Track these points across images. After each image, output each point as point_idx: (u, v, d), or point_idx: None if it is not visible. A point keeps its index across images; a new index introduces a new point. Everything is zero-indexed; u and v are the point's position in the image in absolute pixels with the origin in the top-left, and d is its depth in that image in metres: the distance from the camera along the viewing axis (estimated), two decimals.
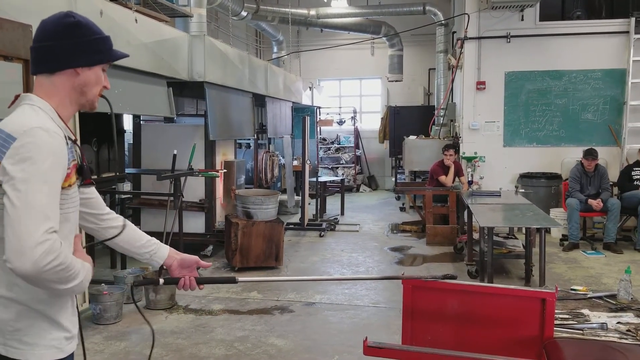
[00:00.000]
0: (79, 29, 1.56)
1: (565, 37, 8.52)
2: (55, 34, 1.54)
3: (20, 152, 1.38)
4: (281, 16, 10.92)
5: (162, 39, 5.57)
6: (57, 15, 1.58)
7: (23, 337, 1.47)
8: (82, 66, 1.57)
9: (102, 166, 5.47)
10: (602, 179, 7.26)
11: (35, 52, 1.56)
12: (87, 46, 1.57)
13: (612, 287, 5.14)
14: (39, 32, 1.57)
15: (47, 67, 1.55)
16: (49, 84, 1.55)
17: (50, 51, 1.53)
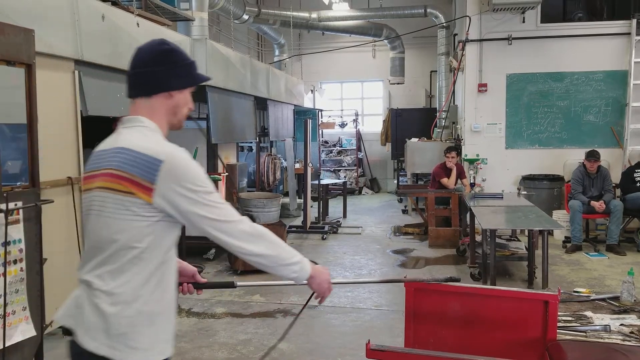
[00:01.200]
0: (173, 56, 1.72)
1: (567, 39, 8.51)
2: (152, 61, 1.69)
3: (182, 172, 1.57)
4: (283, 19, 10.94)
5: None
6: (152, 42, 1.74)
7: (128, 340, 1.56)
8: (176, 89, 1.72)
9: None
10: (604, 181, 7.25)
11: (133, 77, 1.71)
12: (179, 71, 1.72)
13: (615, 289, 5.12)
14: (136, 59, 1.71)
15: (145, 91, 1.70)
16: (148, 106, 1.71)
17: (148, 76, 1.69)
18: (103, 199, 1.61)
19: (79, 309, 1.61)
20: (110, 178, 1.60)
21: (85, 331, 1.58)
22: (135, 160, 1.58)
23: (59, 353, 4.04)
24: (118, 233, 1.58)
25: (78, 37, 4.22)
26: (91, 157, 1.74)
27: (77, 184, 4.24)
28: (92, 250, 1.64)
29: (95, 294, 1.58)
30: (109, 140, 1.73)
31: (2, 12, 3.41)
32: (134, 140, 1.63)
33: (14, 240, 3.11)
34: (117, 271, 1.58)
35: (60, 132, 4.11)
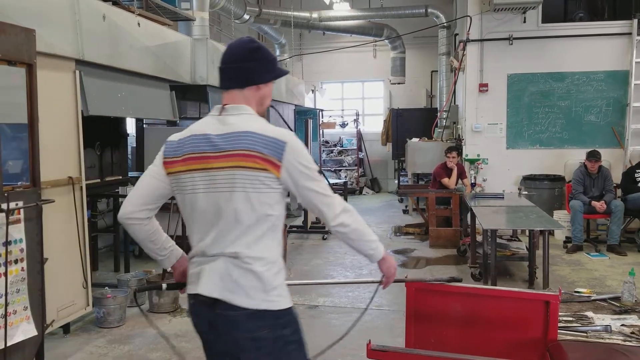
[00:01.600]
0: (261, 53, 1.95)
1: (568, 39, 8.50)
2: (244, 57, 1.93)
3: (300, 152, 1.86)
4: (283, 19, 10.93)
5: (164, 42, 5.58)
6: (242, 40, 1.98)
7: (279, 291, 1.87)
8: (263, 82, 1.97)
9: (105, 169, 5.48)
10: (605, 181, 7.24)
11: (227, 71, 1.95)
12: (266, 66, 1.96)
13: (616, 290, 5.12)
14: (229, 55, 1.95)
15: (239, 83, 1.94)
16: (242, 97, 1.94)
17: (241, 70, 1.93)
18: (234, 177, 1.82)
19: (227, 278, 1.83)
20: (245, 158, 1.81)
21: (242, 294, 1.82)
22: (264, 141, 1.83)
23: (59, 353, 4.04)
24: (258, 205, 1.83)
25: (79, 37, 4.23)
26: (196, 139, 1.90)
27: (78, 184, 4.25)
28: (224, 225, 1.84)
29: (245, 261, 1.83)
30: (211, 125, 1.91)
31: (2, 12, 3.41)
32: (255, 125, 1.88)
33: (15, 240, 3.11)
34: (260, 238, 1.85)
35: (61, 131, 4.11)
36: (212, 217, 1.86)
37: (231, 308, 1.82)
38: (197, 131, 1.93)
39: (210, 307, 1.85)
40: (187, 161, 1.89)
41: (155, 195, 1.96)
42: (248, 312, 1.82)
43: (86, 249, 4.32)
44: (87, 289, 4.35)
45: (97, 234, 6.21)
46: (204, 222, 1.88)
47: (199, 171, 1.87)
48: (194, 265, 1.92)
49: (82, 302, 4.33)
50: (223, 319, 1.85)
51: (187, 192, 1.90)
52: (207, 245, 1.87)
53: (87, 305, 4.38)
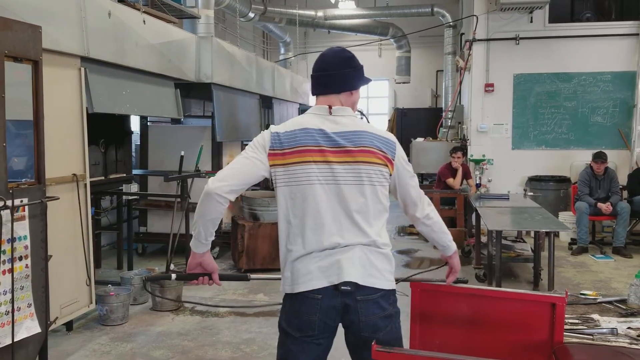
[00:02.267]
0: (354, 62, 2.11)
1: (575, 39, 8.46)
2: (340, 65, 2.08)
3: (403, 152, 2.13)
4: (288, 17, 10.92)
5: (169, 40, 5.58)
6: (336, 50, 2.15)
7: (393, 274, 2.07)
8: (355, 89, 2.13)
9: (109, 167, 5.48)
10: (611, 183, 7.20)
11: (324, 78, 2.09)
12: (359, 74, 2.13)
13: (622, 292, 5.09)
14: (326, 64, 2.10)
15: (336, 89, 2.08)
16: (338, 101, 2.08)
17: (337, 77, 2.08)
18: (360, 171, 1.98)
19: (368, 264, 1.98)
20: (369, 154, 1.99)
21: (381, 277, 2.00)
22: (381, 140, 2.04)
23: (62, 350, 4.04)
24: (383, 197, 2.04)
25: (84, 34, 4.22)
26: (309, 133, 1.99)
27: (82, 181, 4.24)
28: (357, 215, 1.98)
29: (381, 247, 2.03)
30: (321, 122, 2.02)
31: (8, 9, 3.40)
32: (366, 126, 2.08)
33: (19, 237, 3.11)
34: (382, 226, 2.07)
35: (66, 129, 4.11)
36: (342, 208, 1.98)
37: (373, 291, 1.96)
38: (310, 125, 2.01)
39: (348, 295, 1.94)
40: (304, 152, 1.97)
41: (250, 181, 2.01)
42: (382, 293, 1.99)
43: (90, 247, 4.32)
44: (91, 286, 4.35)
45: (100, 231, 6.21)
46: (331, 214, 1.97)
47: (320, 163, 1.97)
48: (315, 259, 1.96)
49: (86, 300, 4.33)
50: (363, 304, 1.96)
51: (305, 182, 1.97)
52: (338, 236, 1.96)
53: (90, 302, 4.37)
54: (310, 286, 1.94)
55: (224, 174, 1.97)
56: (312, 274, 1.94)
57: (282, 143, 1.98)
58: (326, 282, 1.93)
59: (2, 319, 2.98)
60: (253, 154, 2.00)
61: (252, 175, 1.99)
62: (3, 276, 2.98)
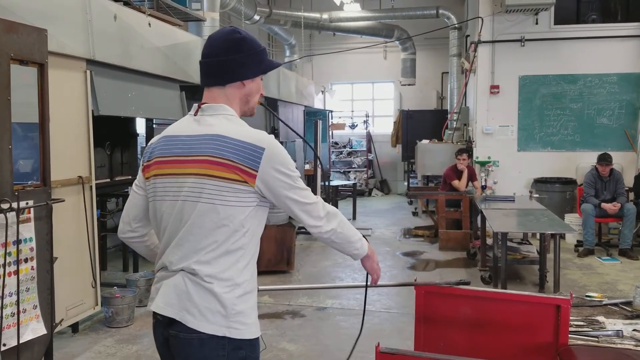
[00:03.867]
0: (245, 44, 1.73)
1: (580, 41, 8.43)
2: (225, 50, 1.71)
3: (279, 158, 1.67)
4: (294, 20, 10.94)
5: (175, 43, 5.60)
6: (224, 31, 1.76)
7: (242, 318, 1.67)
8: (248, 78, 1.76)
9: (115, 169, 5.50)
10: (617, 184, 7.16)
11: (206, 66, 1.75)
12: (252, 59, 1.75)
13: (628, 294, 5.06)
14: (209, 48, 1.74)
15: (219, 80, 1.74)
16: (223, 95, 1.75)
17: (222, 65, 1.72)
18: (201, 186, 1.64)
19: (184, 296, 1.65)
20: (210, 165, 1.64)
21: (199, 316, 1.63)
22: (237, 147, 1.64)
23: (67, 352, 4.06)
24: (227, 219, 1.64)
25: (90, 37, 4.25)
26: (168, 141, 1.75)
27: (88, 183, 4.26)
28: (186, 237, 1.67)
29: (205, 280, 1.64)
30: (185, 126, 1.75)
31: (14, 12, 3.43)
32: (229, 128, 1.68)
33: (25, 239, 3.12)
34: (224, 255, 1.65)
35: (72, 131, 4.13)
36: (176, 228, 1.69)
37: (186, 330, 1.64)
38: (171, 132, 1.77)
39: (165, 326, 1.69)
40: (158, 165, 1.74)
41: (143, 208, 1.82)
42: (204, 337, 1.64)
43: (95, 249, 4.34)
44: (96, 288, 4.37)
45: (106, 233, 6.24)
46: (168, 233, 1.71)
47: (169, 176, 1.71)
48: (155, 280, 1.77)
49: (91, 302, 4.35)
50: (177, 341, 1.67)
51: (155, 199, 1.75)
52: (168, 259, 1.70)
53: (95, 304, 4.39)
54: (148, 306, 1.88)
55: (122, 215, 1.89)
56: (152, 294, 1.78)
57: (148, 155, 1.80)
58: (150, 307, 1.75)
59: (8, 320, 3.00)
60: (137, 178, 1.85)
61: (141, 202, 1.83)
62: (9, 278, 3.00)
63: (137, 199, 1.83)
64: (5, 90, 2.97)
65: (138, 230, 1.86)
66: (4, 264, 2.96)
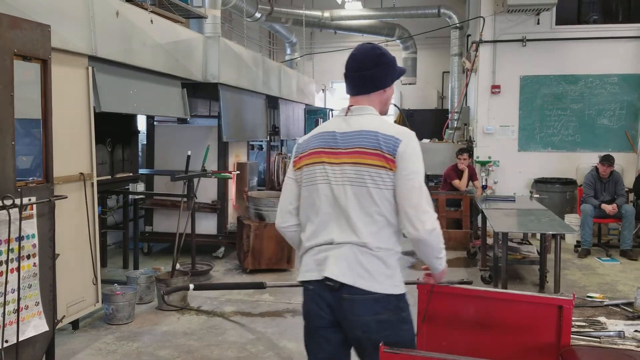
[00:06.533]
0: (385, 58, 2.09)
1: (582, 42, 8.44)
2: (371, 65, 2.06)
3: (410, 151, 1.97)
4: (295, 18, 10.93)
5: (177, 40, 5.59)
6: (366, 48, 2.10)
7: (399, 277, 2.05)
8: (388, 86, 2.11)
9: (116, 166, 5.50)
10: (616, 185, 7.17)
11: (355, 79, 2.09)
12: (390, 70, 2.10)
13: (628, 295, 5.07)
14: (357, 64, 2.08)
15: (366, 90, 2.08)
16: (367, 101, 2.09)
17: (369, 78, 2.07)
18: (358, 172, 1.97)
19: (355, 265, 1.97)
20: (364, 155, 1.96)
21: (371, 280, 1.97)
22: (384, 139, 1.96)
23: (68, 349, 4.06)
24: (380, 199, 1.96)
25: (92, 33, 4.24)
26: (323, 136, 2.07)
27: (89, 180, 4.26)
28: (349, 215, 1.98)
29: (374, 250, 1.97)
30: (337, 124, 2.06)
31: (18, 8, 3.42)
32: (376, 124, 2.01)
33: (27, 236, 3.12)
34: (384, 228, 1.99)
35: (73, 128, 4.12)
36: (335, 209, 2.00)
37: (360, 292, 1.95)
38: (326, 129, 2.09)
39: (335, 291, 1.98)
40: (312, 155, 2.07)
41: (297, 196, 2.12)
42: (376, 296, 1.96)
43: (96, 245, 4.33)
44: (97, 285, 4.36)
45: (106, 230, 6.23)
46: (325, 213, 2.02)
47: (328, 164, 2.03)
48: (314, 252, 2.04)
49: (92, 299, 4.34)
50: (349, 303, 1.97)
51: (311, 183, 2.06)
52: (330, 235, 2.01)
53: (96, 301, 4.39)
54: (306, 277, 2.08)
55: (279, 207, 2.19)
56: (309, 266, 2.06)
57: (299, 149, 2.13)
58: (318, 275, 2.02)
59: (10, 317, 3.00)
60: (289, 171, 2.17)
61: (295, 192, 2.13)
62: (11, 274, 3.00)
63: (295, 189, 2.13)
64: (8, 86, 2.97)
65: (295, 219, 2.15)
66: (6, 261, 2.95)
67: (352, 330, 2.02)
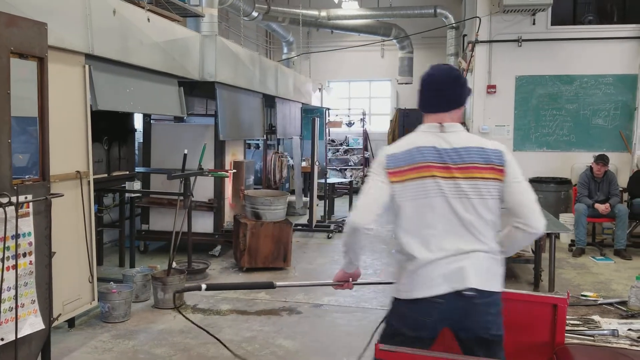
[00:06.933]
0: (462, 78, 2.28)
1: (577, 42, 8.47)
2: (453, 85, 2.23)
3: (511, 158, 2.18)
4: (292, 17, 10.93)
5: (173, 38, 5.59)
6: (445, 68, 2.29)
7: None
8: (466, 102, 2.29)
9: (112, 165, 5.49)
10: (610, 185, 7.21)
11: (440, 97, 2.22)
12: (466, 88, 2.28)
13: (622, 294, 5.10)
14: (438, 84, 2.24)
15: (448, 107, 2.22)
16: (449, 117, 2.21)
17: (451, 96, 2.23)
18: (475, 186, 2.10)
19: (485, 270, 2.11)
20: (479, 170, 2.11)
21: (495, 282, 2.14)
22: (492, 153, 2.13)
23: (64, 347, 4.06)
24: (493, 208, 2.14)
25: (89, 31, 4.23)
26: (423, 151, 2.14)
27: (86, 178, 4.26)
28: (472, 225, 2.11)
29: (496, 255, 2.15)
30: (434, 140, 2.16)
31: (14, 6, 3.41)
32: (477, 140, 2.18)
33: (23, 234, 3.12)
34: (494, 235, 2.17)
35: (70, 126, 4.12)
36: (458, 219, 2.10)
37: (487, 294, 2.09)
38: (421, 144, 2.16)
39: (469, 299, 2.08)
40: (420, 169, 2.11)
41: (385, 204, 2.17)
42: (497, 295, 2.14)
43: (93, 244, 4.33)
44: (93, 283, 4.36)
45: (102, 228, 6.22)
46: (445, 224, 2.10)
47: (440, 178, 2.10)
48: (442, 265, 2.08)
49: (88, 297, 4.34)
50: (481, 307, 2.10)
51: (422, 196, 2.11)
52: (455, 245, 2.09)
53: (92, 299, 4.38)
54: (434, 292, 2.08)
55: (363, 206, 2.17)
56: (434, 280, 2.09)
57: (399, 162, 2.14)
58: (449, 288, 2.07)
59: (6, 315, 3.00)
60: (378, 177, 2.17)
61: (385, 199, 2.16)
62: (7, 272, 3.00)
63: (386, 195, 2.15)
64: (5, 84, 2.97)
65: (377, 222, 2.18)
66: (2, 259, 2.95)
67: (473, 332, 2.13)
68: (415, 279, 2.11)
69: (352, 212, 2.17)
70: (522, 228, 2.15)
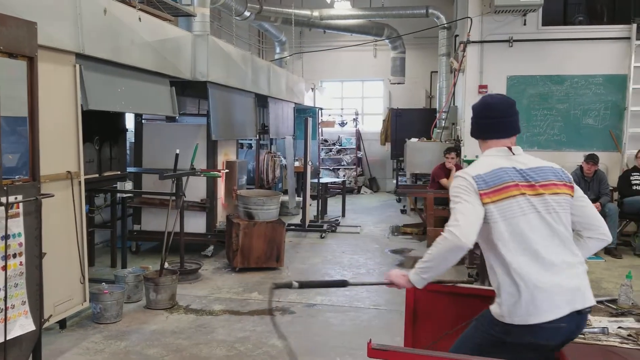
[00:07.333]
0: (515, 106, 2.42)
1: (567, 42, 8.52)
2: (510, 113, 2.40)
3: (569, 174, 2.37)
4: (284, 17, 10.92)
5: (165, 38, 5.57)
6: (502, 98, 2.44)
7: None
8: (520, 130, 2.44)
9: (104, 165, 5.47)
10: (600, 184, 7.26)
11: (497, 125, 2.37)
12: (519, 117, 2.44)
13: (612, 292, 5.13)
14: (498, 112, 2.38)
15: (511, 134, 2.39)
16: (510, 142, 2.37)
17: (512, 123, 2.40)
18: (558, 201, 2.23)
19: (584, 283, 2.21)
20: (558, 187, 2.26)
21: (589, 296, 2.21)
22: (560, 171, 2.33)
23: (55, 348, 4.03)
24: (569, 222, 2.27)
25: (79, 31, 4.21)
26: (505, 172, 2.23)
27: (77, 179, 4.23)
28: (562, 240, 2.20)
29: (584, 267, 2.24)
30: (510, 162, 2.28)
31: (3, 5, 3.39)
32: (541, 161, 2.35)
33: (13, 234, 3.10)
34: (576, 248, 2.26)
35: (60, 126, 4.09)
36: (548, 235, 2.17)
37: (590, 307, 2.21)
38: (501, 165, 2.26)
39: (585, 314, 2.20)
40: (510, 188, 2.19)
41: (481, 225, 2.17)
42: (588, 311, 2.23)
43: (84, 244, 4.31)
44: (84, 284, 4.34)
45: (94, 229, 6.19)
46: (540, 240, 2.16)
47: (530, 196, 2.19)
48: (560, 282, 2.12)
49: (79, 298, 4.32)
50: (584, 321, 2.24)
51: (519, 214, 2.16)
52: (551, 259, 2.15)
53: (84, 300, 4.36)
54: (556, 314, 2.11)
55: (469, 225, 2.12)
56: (555, 303, 2.11)
57: (488, 183, 2.19)
58: (570, 309, 2.13)
59: None
60: (471, 198, 2.17)
61: (481, 221, 2.17)
62: None
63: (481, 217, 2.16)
64: None
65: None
66: None
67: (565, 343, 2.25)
68: (533, 303, 2.10)
69: (455, 230, 2.10)
70: (599, 238, 2.35)
